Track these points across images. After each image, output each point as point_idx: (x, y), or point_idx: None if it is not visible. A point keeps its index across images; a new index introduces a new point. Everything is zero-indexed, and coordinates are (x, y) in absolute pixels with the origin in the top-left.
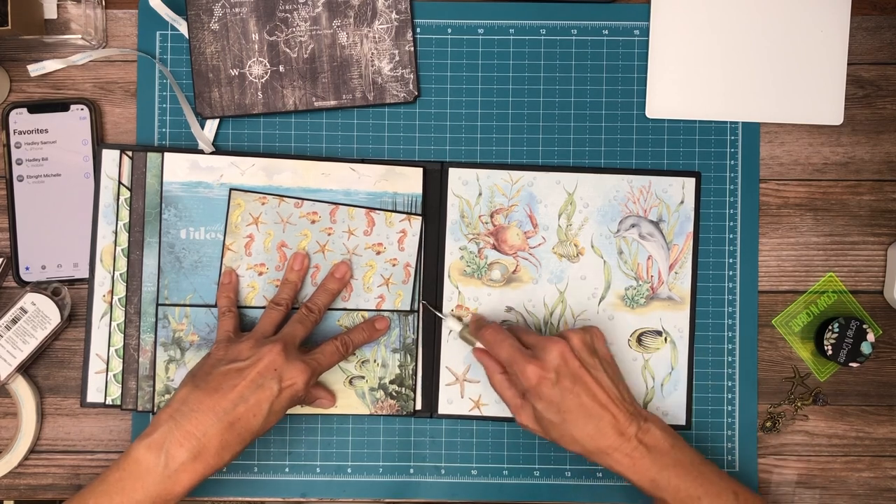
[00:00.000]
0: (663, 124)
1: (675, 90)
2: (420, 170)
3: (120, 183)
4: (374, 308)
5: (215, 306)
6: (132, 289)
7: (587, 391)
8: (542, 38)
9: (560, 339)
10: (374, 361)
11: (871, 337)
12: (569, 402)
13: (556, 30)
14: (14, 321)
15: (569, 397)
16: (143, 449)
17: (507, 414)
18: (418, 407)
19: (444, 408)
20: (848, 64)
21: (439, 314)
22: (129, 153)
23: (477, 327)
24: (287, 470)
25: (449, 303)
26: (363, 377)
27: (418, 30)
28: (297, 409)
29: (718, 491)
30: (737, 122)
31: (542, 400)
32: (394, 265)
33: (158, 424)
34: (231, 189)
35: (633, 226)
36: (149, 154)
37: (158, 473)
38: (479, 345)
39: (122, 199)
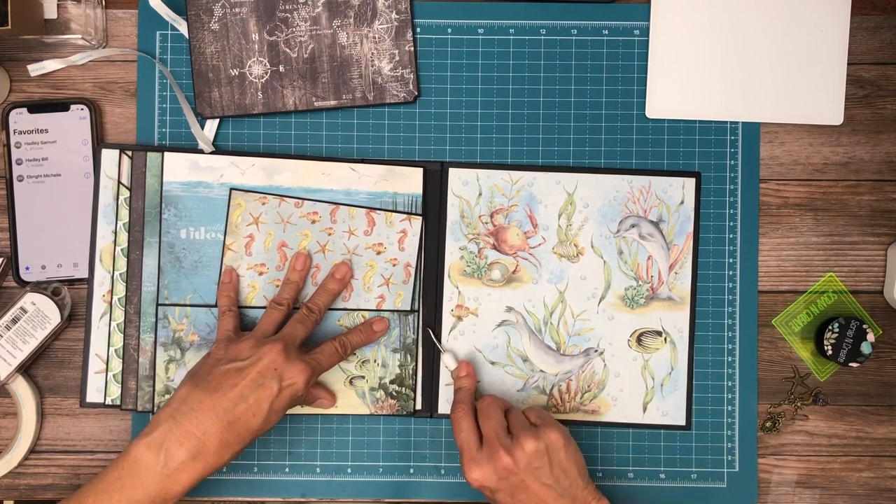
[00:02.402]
0: (663, 124)
1: (675, 90)
2: (420, 170)
3: (120, 183)
4: (374, 308)
5: (215, 306)
6: (132, 289)
7: (529, 499)
8: (542, 38)
9: (506, 455)
10: (375, 361)
11: (871, 337)
12: None
13: (556, 30)
14: (14, 321)
15: (503, 502)
16: (142, 447)
17: None
18: (418, 407)
19: (444, 408)
20: (848, 64)
21: (440, 346)
22: (129, 153)
23: (457, 387)
24: (287, 470)
25: (449, 303)
26: (363, 377)
27: (418, 30)
28: (298, 409)
29: None
30: (737, 122)
31: (485, 496)
32: (394, 265)
33: (158, 423)
34: (231, 189)
35: (633, 226)
36: (149, 154)
37: (158, 472)
38: None
39: (121, 198)
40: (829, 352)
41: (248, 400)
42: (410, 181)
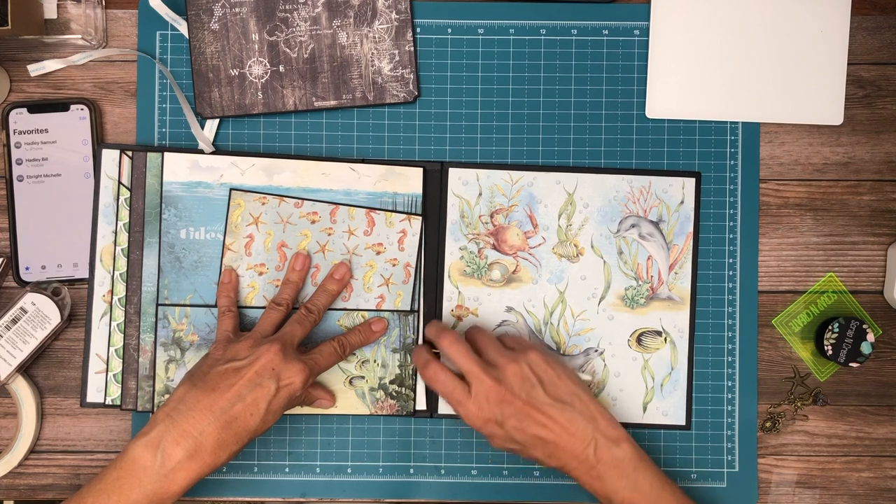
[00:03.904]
0: (663, 124)
1: (675, 90)
2: (420, 170)
3: (120, 183)
4: (374, 308)
5: (215, 306)
6: (132, 289)
7: (534, 424)
8: (542, 38)
9: (493, 381)
10: (374, 361)
11: (871, 337)
12: (517, 437)
13: (556, 30)
14: (14, 321)
15: (516, 434)
16: (139, 447)
17: None
18: (418, 407)
19: (444, 408)
20: (848, 64)
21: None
22: (129, 153)
23: (436, 332)
24: (287, 470)
25: (449, 303)
26: (363, 377)
27: (418, 30)
28: (297, 410)
29: None
30: (737, 122)
31: (495, 438)
32: (394, 265)
33: (156, 423)
34: (231, 189)
35: (633, 226)
36: (149, 154)
37: (154, 472)
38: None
39: (122, 199)
40: (829, 352)
41: (245, 400)
42: (410, 181)
